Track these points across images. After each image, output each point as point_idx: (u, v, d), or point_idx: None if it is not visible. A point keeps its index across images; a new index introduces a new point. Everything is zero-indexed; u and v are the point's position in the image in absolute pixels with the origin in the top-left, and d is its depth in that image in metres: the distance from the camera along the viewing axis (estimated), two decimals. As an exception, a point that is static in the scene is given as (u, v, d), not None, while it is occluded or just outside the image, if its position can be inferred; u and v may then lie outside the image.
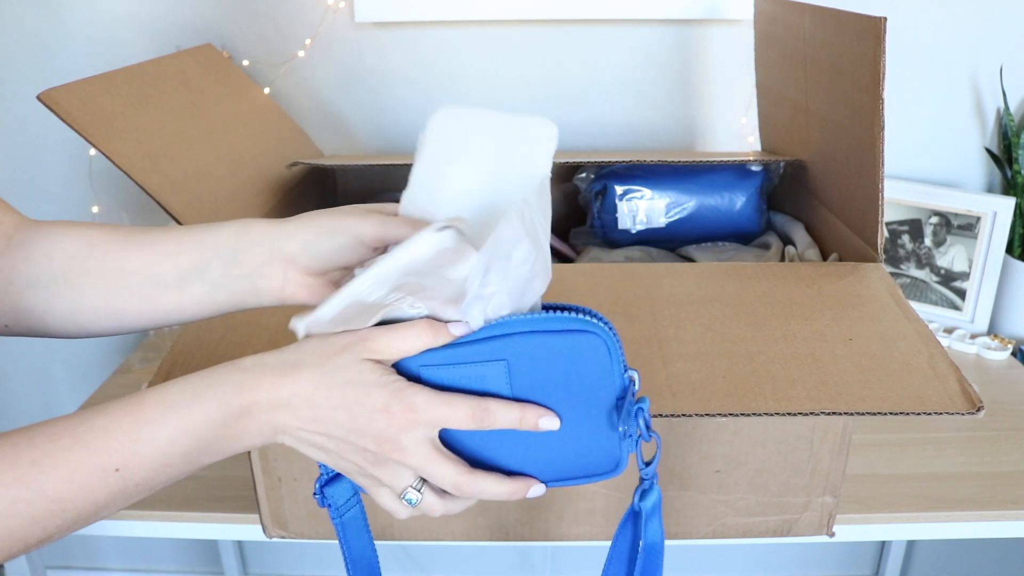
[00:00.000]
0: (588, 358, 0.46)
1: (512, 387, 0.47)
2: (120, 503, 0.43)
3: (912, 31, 1.09)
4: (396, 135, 1.17)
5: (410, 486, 0.47)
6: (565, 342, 0.46)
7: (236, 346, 0.62)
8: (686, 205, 0.95)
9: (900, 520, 0.75)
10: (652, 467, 0.49)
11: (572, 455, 0.48)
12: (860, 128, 0.72)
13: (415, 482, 0.48)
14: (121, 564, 1.52)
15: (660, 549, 0.50)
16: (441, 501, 0.49)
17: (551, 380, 0.47)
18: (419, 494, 0.48)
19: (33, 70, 1.12)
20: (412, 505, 0.48)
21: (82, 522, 0.42)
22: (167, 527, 0.77)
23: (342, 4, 1.09)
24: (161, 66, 0.88)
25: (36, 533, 0.41)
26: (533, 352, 0.46)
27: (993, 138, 1.14)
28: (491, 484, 0.48)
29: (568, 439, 0.48)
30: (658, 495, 0.49)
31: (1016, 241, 1.10)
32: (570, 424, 0.47)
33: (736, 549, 1.47)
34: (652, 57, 1.13)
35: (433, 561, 1.50)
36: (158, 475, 0.44)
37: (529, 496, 0.48)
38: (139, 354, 1.09)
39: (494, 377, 0.47)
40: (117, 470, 0.42)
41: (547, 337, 0.46)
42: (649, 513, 0.50)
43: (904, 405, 0.55)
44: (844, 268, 0.71)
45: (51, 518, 0.41)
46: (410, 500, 0.48)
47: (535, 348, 0.46)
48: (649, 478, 0.49)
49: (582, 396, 0.47)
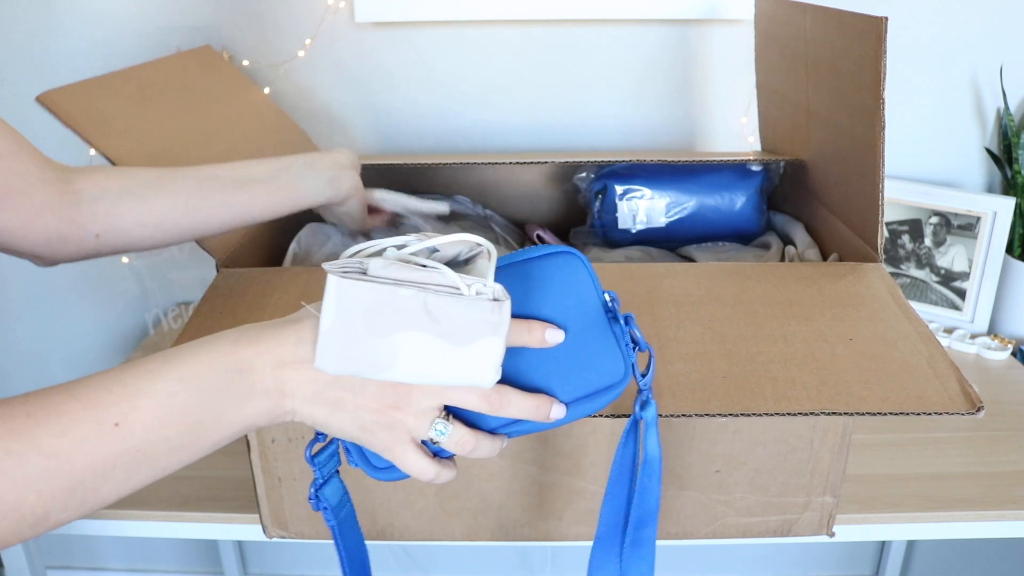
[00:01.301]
0: (570, 275, 0.50)
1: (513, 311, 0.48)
2: (120, 476, 0.41)
3: (912, 31, 1.09)
4: (396, 135, 1.17)
5: (437, 417, 0.46)
6: (548, 263, 0.50)
7: (236, 346, 0.62)
8: (686, 205, 0.95)
9: (900, 520, 0.75)
10: (648, 378, 0.51)
11: (583, 370, 0.49)
12: (860, 128, 0.71)
13: (440, 413, 0.46)
14: (121, 564, 1.52)
15: (658, 463, 0.52)
16: (472, 433, 0.47)
17: (545, 300, 0.49)
18: (448, 424, 0.46)
19: (32, 71, 1.12)
20: (443, 435, 0.46)
21: (79, 496, 0.39)
22: (167, 527, 0.77)
23: (342, 4, 1.09)
24: (160, 67, 0.88)
25: (30, 499, 0.38)
26: (524, 278, 0.49)
27: (993, 138, 1.14)
28: (518, 397, 0.47)
29: (575, 355, 0.49)
30: (655, 408, 0.52)
31: (1016, 241, 1.10)
32: (574, 340, 0.49)
33: (736, 549, 1.47)
34: (652, 57, 1.13)
35: (433, 561, 1.50)
36: (159, 438, 0.41)
37: (552, 416, 0.48)
38: (139, 354, 1.09)
39: None
40: (116, 424, 0.40)
41: (531, 263, 0.50)
42: (649, 424, 0.52)
43: (904, 405, 0.55)
44: (844, 268, 0.71)
45: (45, 479, 0.38)
46: (440, 432, 0.46)
47: (521, 278, 0.49)
48: (646, 389, 0.51)
49: (575, 310, 0.50)
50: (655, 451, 0.52)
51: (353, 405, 0.45)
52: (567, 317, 0.49)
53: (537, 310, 0.49)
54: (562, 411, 0.48)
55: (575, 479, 0.68)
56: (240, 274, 0.71)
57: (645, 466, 0.52)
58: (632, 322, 0.50)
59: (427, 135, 1.17)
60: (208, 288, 0.69)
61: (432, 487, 0.68)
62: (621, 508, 0.54)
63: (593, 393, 0.49)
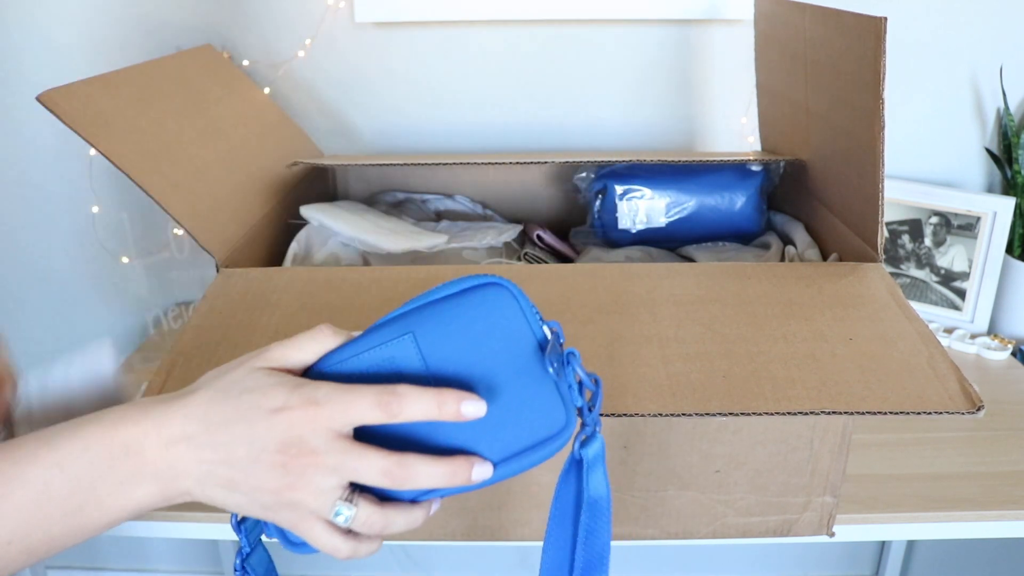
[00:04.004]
0: (497, 311, 0.44)
1: (426, 362, 0.43)
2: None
3: (912, 31, 1.09)
4: (396, 135, 1.17)
5: (338, 498, 0.41)
6: (469, 300, 0.44)
7: (236, 346, 0.62)
8: (686, 205, 0.95)
9: (900, 520, 0.75)
10: (595, 413, 0.44)
11: (514, 423, 0.43)
12: (860, 128, 0.71)
13: (342, 492, 0.41)
14: (121, 564, 1.52)
15: (606, 504, 0.46)
16: (381, 511, 0.42)
17: (467, 346, 0.43)
18: (351, 505, 0.41)
19: (33, 70, 1.12)
20: (347, 522, 0.41)
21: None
22: (167, 527, 0.77)
23: (342, 4, 1.09)
24: (161, 66, 0.88)
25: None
26: (439, 321, 0.43)
27: (993, 138, 1.14)
28: (426, 465, 0.41)
29: (505, 406, 0.43)
30: (601, 444, 0.45)
31: (1016, 241, 1.10)
32: (502, 390, 0.43)
33: (736, 549, 1.47)
34: (652, 57, 1.13)
35: (433, 561, 1.50)
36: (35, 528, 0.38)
37: (475, 479, 0.42)
38: (139, 354, 1.09)
39: (404, 355, 0.43)
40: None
41: (448, 302, 0.44)
42: (591, 462, 0.45)
43: (904, 405, 0.55)
44: (844, 268, 0.71)
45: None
46: (340, 513, 0.41)
47: (440, 316, 0.43)
48: (591, 424, 0.45)
49: (504, 354, 0.43)
50: (601, 490, 0.46)
51: (247, 487, 0.41)
52: (495, 366, 0.43)
53: (457, 357, 0.43)
54: (488, 471, 0.42)
55: (575, 479, 0.68)
56: (240, 274, 0.71)
57: (589, 507, 0.46)
58: (576, 360, 0.43)
59: (427, 135, 1.17)
60: (208, 288, 0.69)
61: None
62: (566, 551, 0.47)
63: (528, 448, 0.43)
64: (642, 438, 0.65)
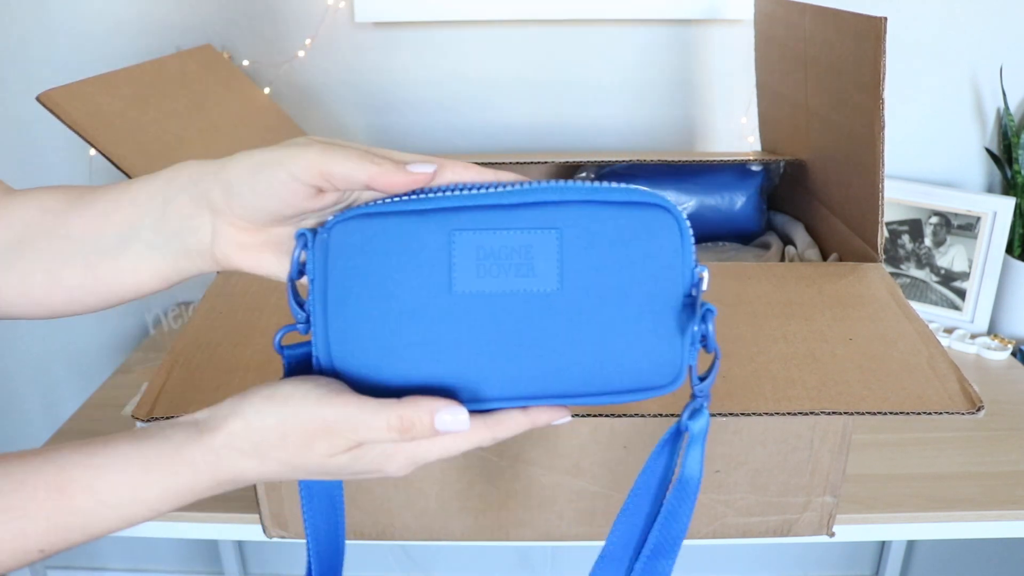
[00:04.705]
0: (656, 238, 0.38)
1: (562, 267, 0.38)
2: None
3: (912, 31, 1.09)
4: (396, 135, 1.17)
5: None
6: (631, 216, 0.38)
7: (236, 347, 0.62)
8: (686, 205, 0.95)
9: (900, 520, 0.75)
10: (708, 383, 0.41)
11: (623, 360, 0.39)
12: (860, 128, 0.71)
13: None
14: (121, 564, 1.52)
15: (695, 486, 0.43)
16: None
17: (609, 263, 0.38)
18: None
19: (33, 71, 1.12)
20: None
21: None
22: (167, 527, 0.77)
23: (342, 4, 1.09)
24: (161, 66, 0.88)
25: None
26: (591, 226, 0.38)
27: (993, 138, 1.14)
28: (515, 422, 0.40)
29: (624, 341, 0.39)
30: (707, 419, 0.42)
31: (1016, 241, 1.10)
32: (628, 324, 0.39)
33: (736, 549, 1.47)
34: (652, 57, 1.13)
35: (433, 561, 1.50)
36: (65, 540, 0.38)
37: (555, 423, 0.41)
38: (139, 354, 1.09)
39: (542, 251, 0.38)
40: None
41: (609, 209, 0.38)
42: (694, 437, 0.42)
43: (904, 405, 0.55)
44: (844, 268, 0.71)
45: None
46: None
47: (593, 221, 0.38)
48: (702, 396, 0.42)
49: (643, 286, 0.38)
50: (695, 470, 0.43)
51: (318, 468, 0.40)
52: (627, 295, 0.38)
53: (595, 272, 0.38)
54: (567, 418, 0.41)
55: (575, 479, 0.67)
56: (240, 274, 0.71)
57: (680, 486, 0.43)
58: (711, 318, 0.39)
59: (427, 135, 1.17)
60: (208, 288, 0.69)
61: (432, 487, 0.68)
62: (639, 529, 0.45)
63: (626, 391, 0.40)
64: (642, 438, 0.65)
